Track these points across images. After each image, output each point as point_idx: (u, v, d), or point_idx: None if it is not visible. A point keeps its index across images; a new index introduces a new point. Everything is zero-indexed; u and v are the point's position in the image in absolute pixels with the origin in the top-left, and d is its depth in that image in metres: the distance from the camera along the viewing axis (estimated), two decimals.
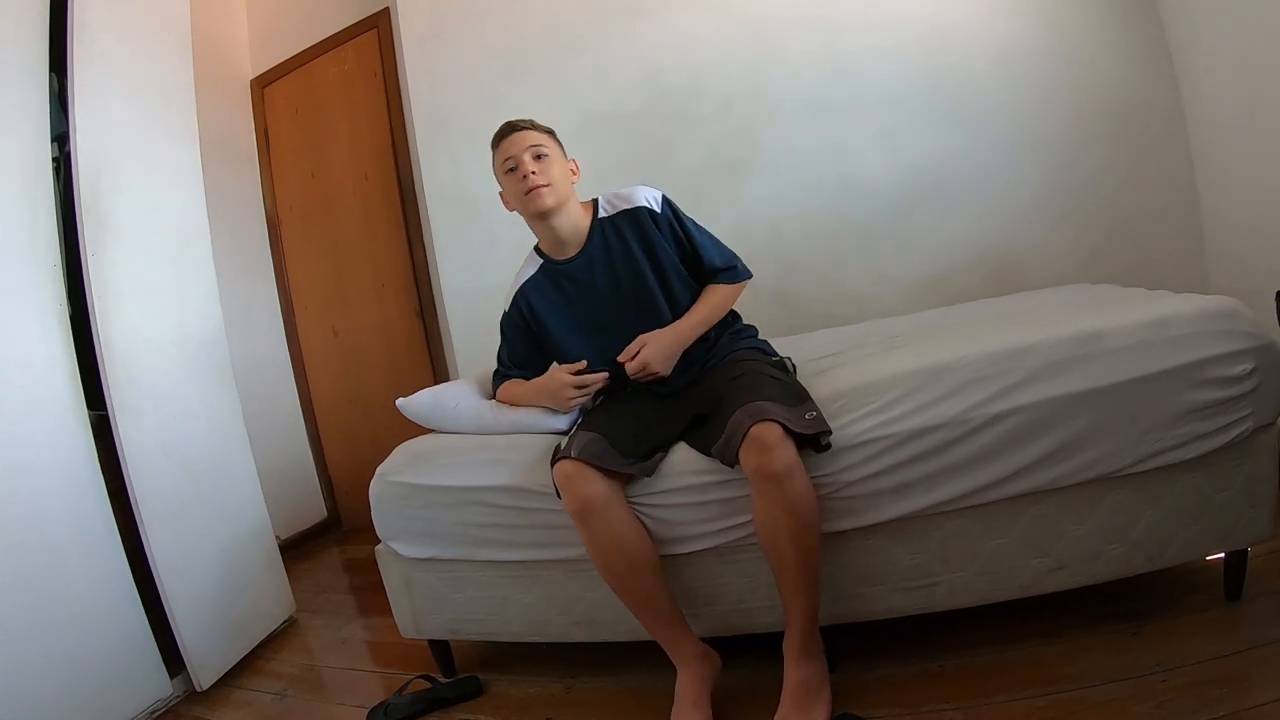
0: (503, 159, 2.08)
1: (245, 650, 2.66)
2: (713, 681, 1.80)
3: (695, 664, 1.79)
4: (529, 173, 2.03)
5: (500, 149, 2.10)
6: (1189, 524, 1.73)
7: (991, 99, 3.11)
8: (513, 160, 2.05)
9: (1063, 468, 1.71)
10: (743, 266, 2.18)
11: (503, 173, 2.09)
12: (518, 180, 2.05)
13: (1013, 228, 3.12)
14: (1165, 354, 1.68)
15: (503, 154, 2.08)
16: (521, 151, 2.05)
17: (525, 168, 2.03)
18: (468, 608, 2.10)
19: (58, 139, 2.38)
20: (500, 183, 2.13)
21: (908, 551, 1.79)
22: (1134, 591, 1.89)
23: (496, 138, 2.11)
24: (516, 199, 2.09)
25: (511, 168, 2.06)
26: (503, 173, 2.09)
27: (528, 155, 2.05)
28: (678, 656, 1.81)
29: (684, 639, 1.82)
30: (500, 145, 2.10)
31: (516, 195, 2.07)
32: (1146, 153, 2.99)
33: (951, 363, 1.75)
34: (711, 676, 1.80)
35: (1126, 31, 2.98)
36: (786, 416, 1.66)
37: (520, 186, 2.05)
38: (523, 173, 2.04)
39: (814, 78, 3.24)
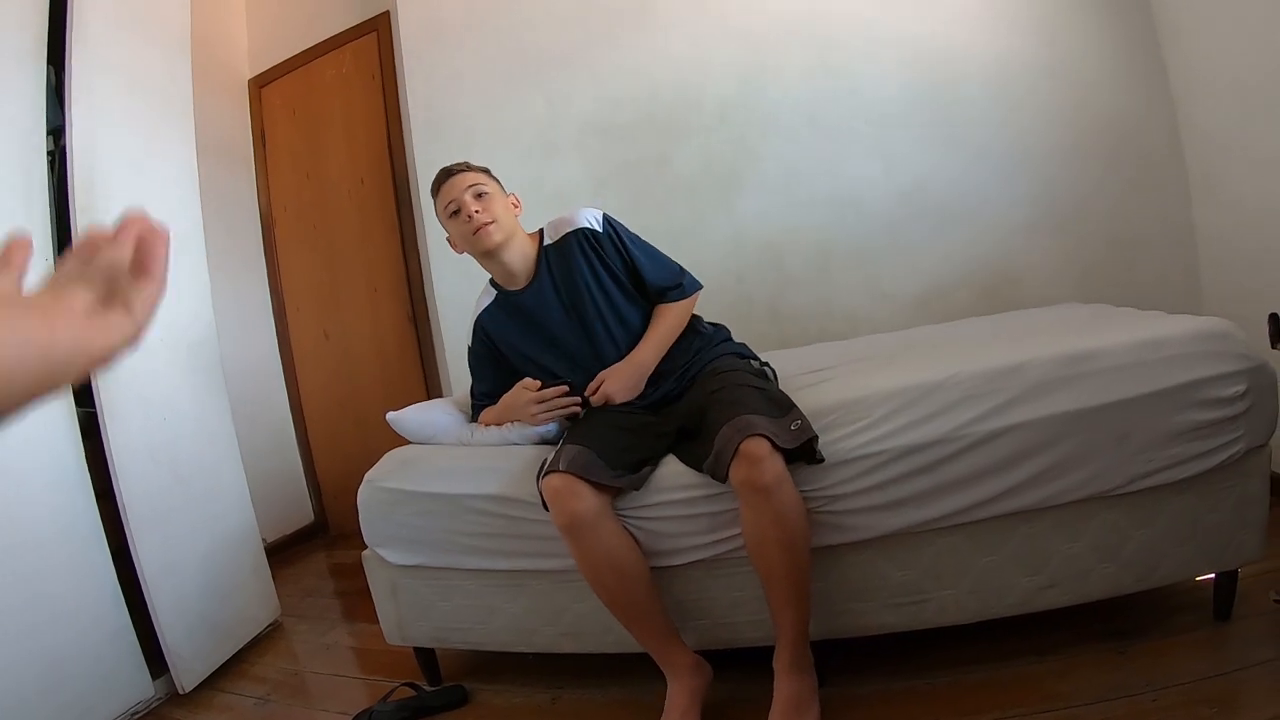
0: (445, 203, 2.10)
1: (229, 654, 2.63)
2: (704, 693, 1.79)
3: (687, 675, 1.79)
4: (472, 212, 2.06)
5: (440, 195, 2.12)
6: (1180, 544, 1.73)
7: (988, 116, 3.11)
8: (455, 203, 2.08)
9: (1054, 487, 1.71)
10: (690, 280, 2.19)
11: (446, 217, 2.12)
12: (462, 222, 2.08)
13: (1007, 245, 3.12)
14: (1158, 374, 1.68)
15: (444, 199, 2.11)
16: (461, 193, 2.08)
17: (468, 208, 2.06)
18: (454, 616, 2.09)
19: (53, 132, 2.37)
20: (446, 228, 2.16)
21: (898, 568, 1.79)
22: (1124, 610, 1.89)
23: (435, 185, 2.15)
24: (464, 240, 2.11)
25: (455, 210, 2.09)
26: (446, 217, 2.12)
27: (468, 195, 2.08)
28: (669, 668, 1.81)
29: (676, 650, 1.81)
30: (440, 191, 2.12)
31: (464, 236, 2.10)
32: (1142, 173, 3.00)
33: (944, 380, 1.75)
34: (703, 688, 1.80)
35: (1124, 52, 2.99)
36: (774, 430, 1.66)
37: (466, 228, 2.07)
38: (466, 214, 2.06)
39: (811, 92, 3.24)
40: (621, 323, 2.12)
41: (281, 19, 4.16)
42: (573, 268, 2.11)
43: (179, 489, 2.55)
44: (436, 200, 2.14)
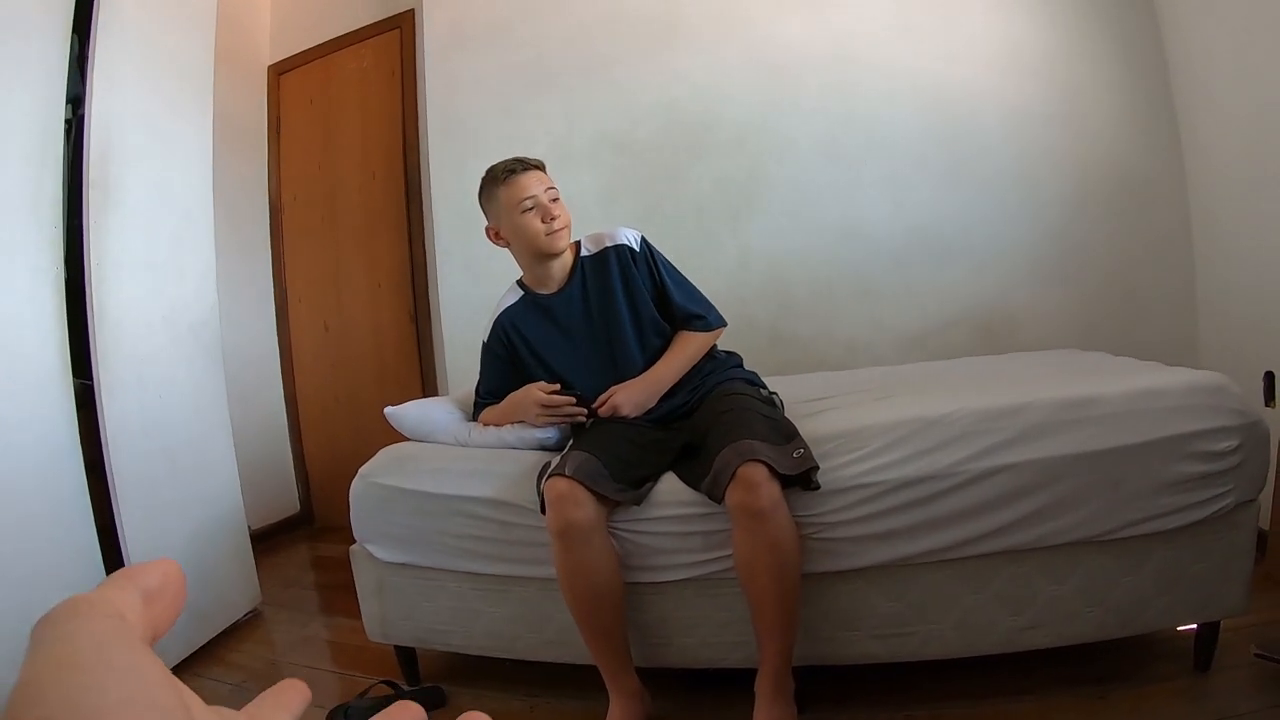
0: (520, 197, 2.04)
1: (207, 638, 2.62)
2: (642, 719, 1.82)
3: (630, 700, 1.81)
4: (556, 214, 2.04)
5: (513, 187, 2.05)
6: (1164, 593, 1.74)
7: (998, 158, 3.15)
8: (533, 200, 2.04)
9: (1044, 528, 1.72)
10: (716, 315, 2.19)
11: (517, 211, 2.04)
12: (535, 219, 2.04)
13: (1008, 287, 3.15)
14: (1154, 424, 1.70)
15: (519, 192, 2.04)
16: (541, 192, 2.05)
17: (550, 209, 2.04)
18: (438, 617, 2.09)
19: (72, 101, 2.37)
20: (506, 219, 2.08)
21: (886, 599, 1.79)
22: (1105, 655, 1.90)
23: (506, 173, 2.07)
24: (534, 237, 2.05)
25: (530, 207, 2.03)
26: (517, 211, 2.04)
27: (546, 196, 2.05)
28: (615, 689, 1.82)
29: (625, 673, 1.83)
30: (513, 183, 2.05)
31: (535, 234, 2.05)
32: (1146, 224, 3.03)
33: (944, 416, 1.77)
34: (641, 717, 1.82)
35: (1138, 107, 3.03)
36: (773, 456, 1.68)
37: (543, 227, 2.04)
38: (549, 214, 2.04)
39: (827, 121, 3.27)
40: (642, 342, 2.13)
41: (306, 8, 4.19)
42: (607, 281, 2.12)
43: (169, 467, 2.54)
44: (503, 189, 2.06)
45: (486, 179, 2.12)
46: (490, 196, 2.11)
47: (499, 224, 2.12)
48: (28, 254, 2.15)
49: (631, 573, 1.86)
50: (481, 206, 2.16)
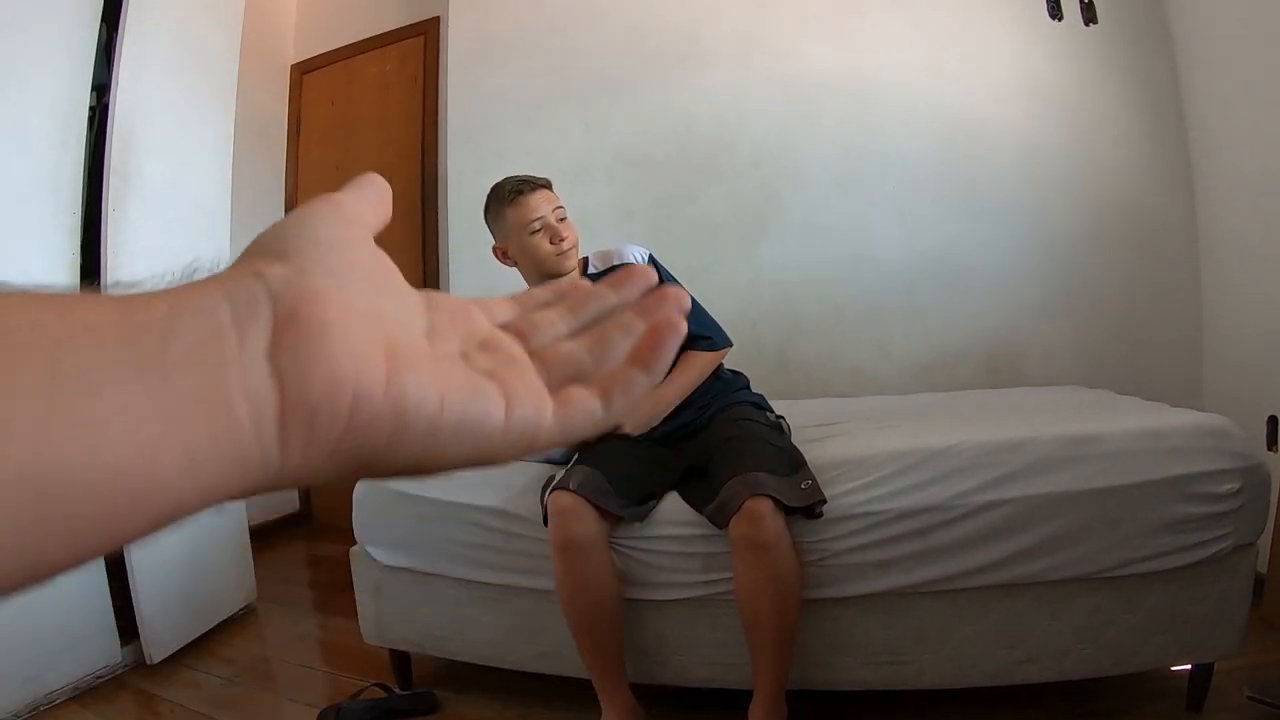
0: (528, 219, 2.01)
1: (201, 630, 2.63)
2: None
3: (623, 715, 1.81)
4: (564, 235, 2.03)
5: (521, 208, 2.03)
6: (1159, 632, 1.75)
7: (1011, 191, 3.16)
8: (541, 222, 2.02)
9: (1042, 564, 1.73)
10: (722, 336, 2.18)
11: (527, 233, 2.02)
12: (544, 241, 2.02)
13: (1016, 321, 3.16)
14: (1156, 464, 1.71)
15: (527, 213, 2.02)
16: (549, 213, 2.03)
17: (559, 231, 2.02)
18: (435, 622, 2.09)
19: (97, 89, 2.39)
20: (514, 240, 2.06)
21: (881, 627, 1.80)
22: (1099, 693, 1.90)
23: (513, 193, 2.04)
24: (543, 260, 2.04)
25: (538, 229, 2.02)
26: (527, 233, 2.02)
27: (554, 216, 2.04)
28: (609, 703, 1.82)
29: (619, 689, 1.83)
30: (521, 204, 2.03)
31: (545, 256, 2.03)
32: (1156, 264, 3.05)
33: (947, 448, 1.78)
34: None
35: (1153, 148, 3.04)
36: (781, 490, 1.68)
37: (552, 248, 2.02)
38: (556, 234, 2.02)
39: (842, 148, 3.29)
40: None
41: (333, 9, 4.22)
42: None
43: None
44: (510, 210, 2.04)
45: (493, 198, 2.10)
46: (497, 216, 2.09)
47: (506, 244, 2.10)
48: (45, 236, 2.18)
49: (630, 589, 1.86)
50: (488, 224, 2.14)
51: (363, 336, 0.25)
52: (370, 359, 0.25)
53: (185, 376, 0.22)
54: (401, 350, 0.26)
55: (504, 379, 0.29)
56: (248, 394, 0.23)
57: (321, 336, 0.24)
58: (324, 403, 0.24)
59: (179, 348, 0.22)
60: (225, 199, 2.86)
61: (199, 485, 0.22)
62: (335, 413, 0.24)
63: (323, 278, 0.26)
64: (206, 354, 0.22)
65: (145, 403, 0.21)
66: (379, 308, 0.27)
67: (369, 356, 0.25)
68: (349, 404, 0.24)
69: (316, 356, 0.24)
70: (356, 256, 0.29)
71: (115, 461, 0.20)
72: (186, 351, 0.22)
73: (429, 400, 0.26)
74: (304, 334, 0.24)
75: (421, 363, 0.27)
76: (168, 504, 0.22)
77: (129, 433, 0.21)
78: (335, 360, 0.24)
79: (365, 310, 0.26)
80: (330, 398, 0.24)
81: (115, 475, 0.20)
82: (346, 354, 0.24)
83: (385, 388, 0.25)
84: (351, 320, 0.25)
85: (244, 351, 0.23)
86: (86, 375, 0.20)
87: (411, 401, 0.25)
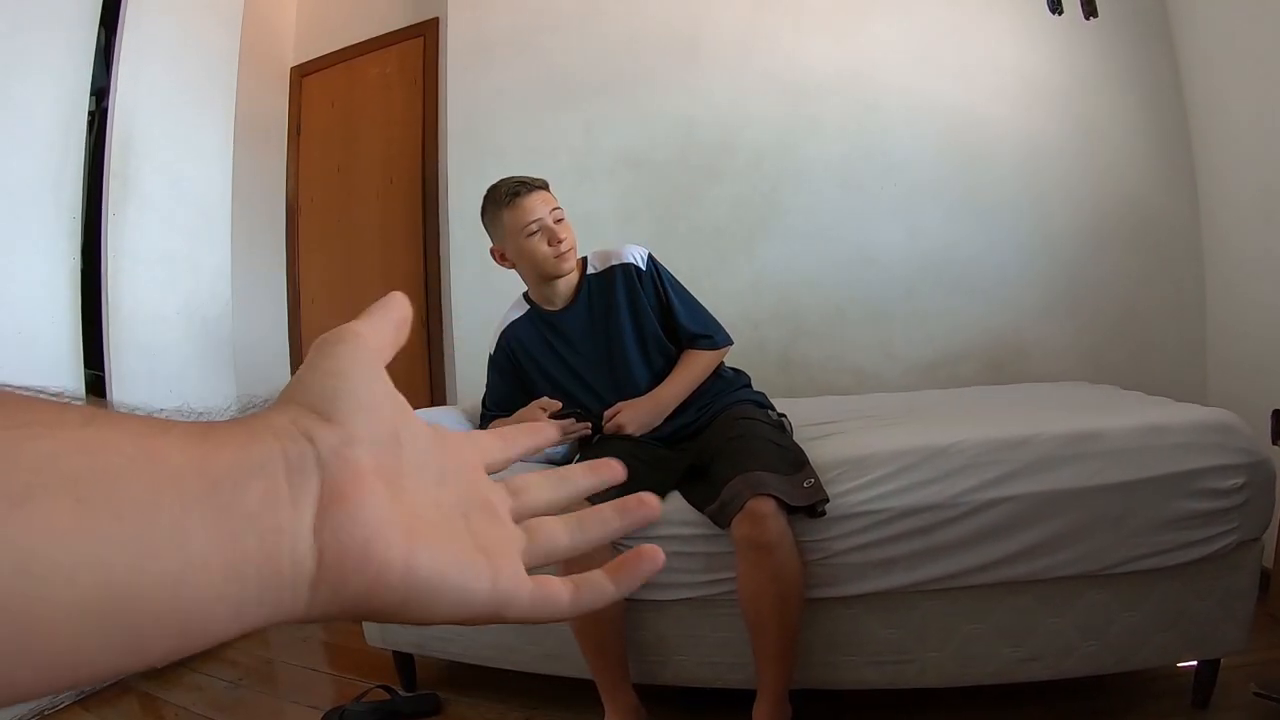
0: (525, 220, 2.01)
1: None
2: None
3: (626, 716, 1.81)
4: (563, 237, 2.03)
5: (519, 210, 2.02)
6: (1164, 629, 1.74)
7: (1013, 189, 3.15)
8: (539, 224, 2.02)
9: (1046, 561, 1.72)
10: (723, 335, 2.19)
11: (524, 235, 2.02)
12: (542, 243, 2.03)
13: (1019, 319, 3.15)
14: (1160, 460, 1.70)
15: (525, 215, 2.01)
16: (546, 214, 2.03)
17: (557, 233, 2.03)
18: None
19: (96, 93, 2.40)
20: (511, 243, 2.07)
21: (884, 626, 1.79)
22: (1102, 690, 1.90)
23: (509, 196, 2.03)
24: (541, 262, 2.05)
25: (535, 230, 2.02)
26: (524, 235, 2.02)
27: (551, 218, 2.04)
28: (612, 704, 1.83)
29: (622, 689, 1.83)
30: (518, 206, 2.02)
31: (543, 258, 2.04)
32: (1159, 261, 3.03)
33: (949, 446, 1.77)
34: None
35: (1155, 145, 3.03)
36: (783, 489, 1.68)
37: (549, 251, 2.03)
38: (555, 238, 2.02)
39: (844, 148, 3.28)
40: (647, 361, 2.12)
41: (332, 11, 4.22)
42: (611, 300, 2.11)
43: None
44: (507, 212, 2.03)
45: (489, 200, 2.09)
46: (494, 219, 2.09)
47: (504, 246, 2.10)
48: (45, 241, 2.18)
49: None
50: (485, 226, 2.14)
51: (390, 517, 0.30)
52: (395, 540, 0.30)
53: (249, 537, 0.26)
54: (419, 527, 0.31)
55: (494, 555, 0.34)
56: (294, 560, 0.27)
57: (358, 516, 0.29)
58: (352, 573, 0.29)
59: (244, 507, 0.27)
60: (225, 202, 2.87)
61: (240, 625, 0.27)
62: (360, 580, 0.29)
63: (364, 451, 0.30)
64: (265, 521, 0.27)
65: (215, 559, 0.25)
66: (403, 473, 0.32)
67: (393, 538, 0.30)
68: (373, 575, 0.29)
69: (353, 535, 0.29)
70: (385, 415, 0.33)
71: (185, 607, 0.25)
72: (250, 514, 0.27)
73: (435, 574, 0.31)
74: (344, 512, 0.29)
75: (433, 539, 0.31)
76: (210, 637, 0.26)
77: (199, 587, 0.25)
78: (368, 541, 0.29)
79: (394, 482, 0.31)
80: (359, 570, 0.29)
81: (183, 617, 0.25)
82: (377, 535, 0.29)
83: (404, 563, 0.30)
84: (383, 500, 0.30)
85: (296, 519, 0.28)
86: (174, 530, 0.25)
87: (422, 576, 0.30)
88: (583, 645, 1.82)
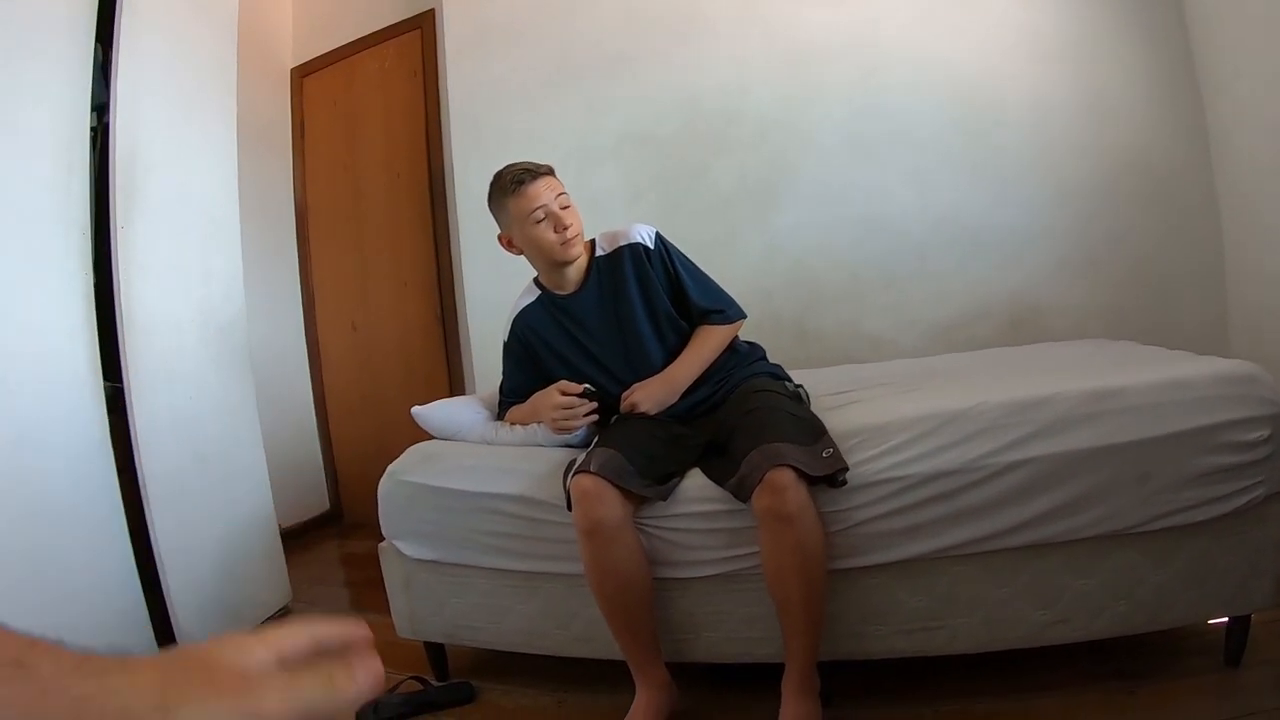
0: (530, 208, 2.01)
1: None
2: (666, 713, 1.81)
3: (657, 691, 1.81)
4: (568, 224, 2.02)
5: (524, 197, 2.01)
6: (1193, 587, 1.72)
7: (1022, 147, 3.12)
8: (544, 210, 2.01)
9: (1071, 522, 1.70)
10: (735, 309, 2.18)
11: (530, 222, 2.02)
12: (548, 230, 2.02)
13: (1036, 278, 3.12)
14: (1182, 415, 1.68)
15: (530, 203, 2.01)
16: (551, 201, 2.02)
17: (562, 220, 2.02)
18: (466, 613, 2.10)
19: (97, 109, 2.41)
20: (518, 228, 2.06)
21: (911, 594, 1.79)
22: (1133, 650, 1.88)
23: (514, 183, 2.02)
24: (547, 248, 2.04)
25: (541, 218, 2.02)
26: (530, 222, 2.02)
27: (557, 204, 2.03)
28: (643, 680, 1.83)
29: (654, 666, 1.83)
30: (523, 194, 2.01)
31: (549, 245, 2.03)
32: (1175, 216, 2.99)
33: (968, 409, 1.75)
34: (667, 709, 1.82)
35: (1163, 94, 2.99)
36: (802, 459, 1.67)
37: (556, 238, 2.03)
38: (560, 224, 2.02)
39: (850, 113, 3.25)
40: (660, 340, 2.12)
41: (327, 10, 4.23)
42: (621, 280, 2.11)
43: (199, 468, 2.58)
44: (512, 200, 2.03)
45: (494, 188, 2.09)
46: (500, 206, 2.08)
47: (511, 233, 2.10)
48: (57, 260, 2.19)
49: (657, 568, 1.86)
50: (491, 213, 2.14)
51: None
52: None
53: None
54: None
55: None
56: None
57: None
58: None
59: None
60: (233, 207, 2.87)
61: None
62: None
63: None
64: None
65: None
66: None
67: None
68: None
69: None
70: None
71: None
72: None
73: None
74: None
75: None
76: None
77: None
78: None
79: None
80: None
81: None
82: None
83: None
84: None
85: None
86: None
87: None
88: (613, 626, 1.83)
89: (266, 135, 4.07)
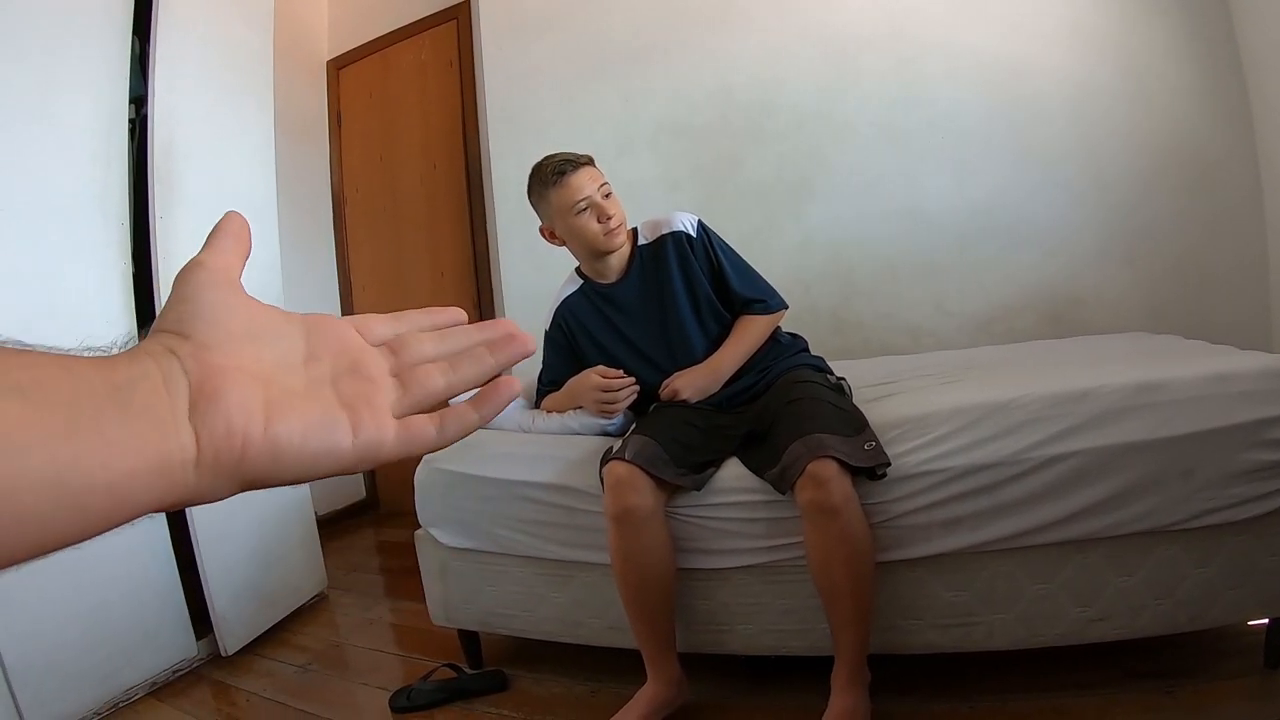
0: (574, 199, 2.00)
1: (273, 620, 2.70)
2: (670, 709, 1.82)
3: (665, 686, 1.81)
4: (611, 214, 2.02)
5: (567, 188, 2.01)
6: (1235, 586, 1.69)
7: (1065, 139, 3.07)
8: (587, 201, 2.01)
9: (1113, 517, 1.68)
10: (777, 299, 2.16)
11: (573, 213, 2.02)
12: (591, 220, 2.02)
13: (1076, 270, 3.07)
14: (1227, 410, 1.65)
15: (573, 194, 2.00)
16: (595, 192, 2.02)
17: (605, 210, 2.02)
18: (501, 601, 2.12)
19: (135, 101, 2.44)
20: (560, 219, 2.06)
21: (949, 588, 1.77)
22: (1172, 650, 1.85)
23: (555, 175, 2.02)
24: (591, 238, 2.04)
25: (585, 208, 2.01)
26: (573, 213, 2.02)
27: (599, 194, 2.03)
28: (654, 672, 1.83)
29: (666, 659, 1.83)
30: (566, 184, 2.01)
31: (593, 235, 2.03)
32: (1218, 208, 2.93)
33: (1010, 401, 1.73)
34: (673, 705, 1.82)
35: (1207, 84, 2.92)
36: (845, 452, 1.65)
37: (600, 227, 2.02)
38: (603, 213, 2.02)
39: (887, 102, 3.22)
40: (703, 328, 2.11)
41: (363, 3, 4.25)
42: (664, 269, 2.11)
43: None
44: (554, 191, 2.02)
45: (535, 179, 2.08)
46: (541, 198, 2.08)
47: (553, 225, 2.10)
48: (97, 252, 2.23)
49: (693, 557, 1.86)
50: (532, 205, 2.13)
51: (247, 396, 0.36)
52: (254, 416, 0.36)
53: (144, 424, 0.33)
54: (275, 399, 0.38)
55: (357, 408, 0.40)
56: (179, 445, 0.34)
57: (219, 404, 0.35)
58: (224, 450, 0.35)
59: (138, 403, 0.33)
60: (271, 198, 2.90)
61: (154, 497, 0.33)
62: (232, 451, 0.35)
63: (216, 352, 0.37)
64: (154, 414, 0.34)
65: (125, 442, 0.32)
66: (259, 360, 0.39)
67: (252, 411, 0.36)
68: (241, 445, 0.36)
69: (218, 416, 0.35)
70: (234, 320, 0.39)
71: (112, 478, 0.31)
72: (143, 408, 0.33)
73: (294, 436, 0.37)
74: (208, 402, 0.35)
75: (290, 406, 0.38)
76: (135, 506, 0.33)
77: (120, 459, 0.32)
78: (230, 418, 0.35)
79: (248, 369, 0.38)
80: (228, 447, 0.35)
81: (111, 486, 0.32)
82: (237, 412, 0.36)
83: (264, 431, 0.36)
84: (238, 384, 0.36)
85: (175, 412, 0.34)
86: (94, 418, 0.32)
87: (283, 441, 0.37)
88: (630, 613, 1.83)
89: (303, 127, 4.11)
